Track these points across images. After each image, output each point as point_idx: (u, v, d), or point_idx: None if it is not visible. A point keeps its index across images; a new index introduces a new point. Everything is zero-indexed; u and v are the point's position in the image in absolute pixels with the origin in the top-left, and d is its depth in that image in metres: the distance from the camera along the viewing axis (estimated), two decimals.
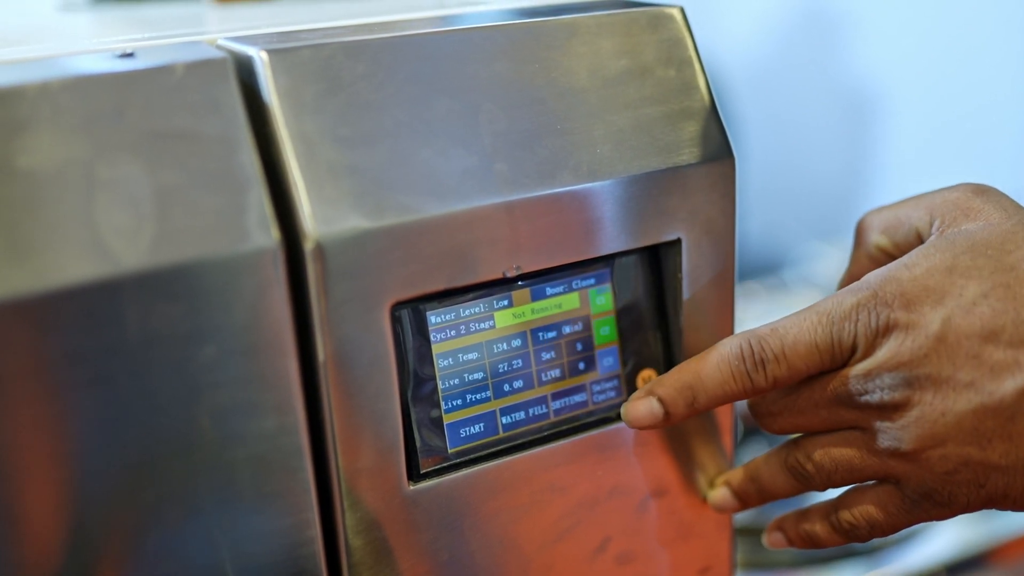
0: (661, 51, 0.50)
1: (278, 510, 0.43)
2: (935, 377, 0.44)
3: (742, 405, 0.53)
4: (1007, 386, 0.43)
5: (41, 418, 0.38)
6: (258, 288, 0.40)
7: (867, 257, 0.54)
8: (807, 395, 0.48)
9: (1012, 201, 0.48)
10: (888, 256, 0.53)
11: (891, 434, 0.46)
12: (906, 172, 2.01)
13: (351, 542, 0.45)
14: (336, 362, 0.43)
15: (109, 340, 0.38)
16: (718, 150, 0.50)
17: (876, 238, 0.53)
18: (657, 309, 0.52)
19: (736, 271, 0.54)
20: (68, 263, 0.37)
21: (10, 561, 0.39)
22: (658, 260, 0.51)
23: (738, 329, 0.54)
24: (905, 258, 0.47)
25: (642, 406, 0.49)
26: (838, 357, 0.46)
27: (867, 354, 0.45)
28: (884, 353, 0.45)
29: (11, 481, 0.38)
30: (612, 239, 0.48)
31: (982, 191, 0.49)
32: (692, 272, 0.51)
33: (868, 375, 0.45)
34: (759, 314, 1.45)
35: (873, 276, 0.47)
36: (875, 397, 0.45)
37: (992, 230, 0.46)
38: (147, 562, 0.41)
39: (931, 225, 0.49)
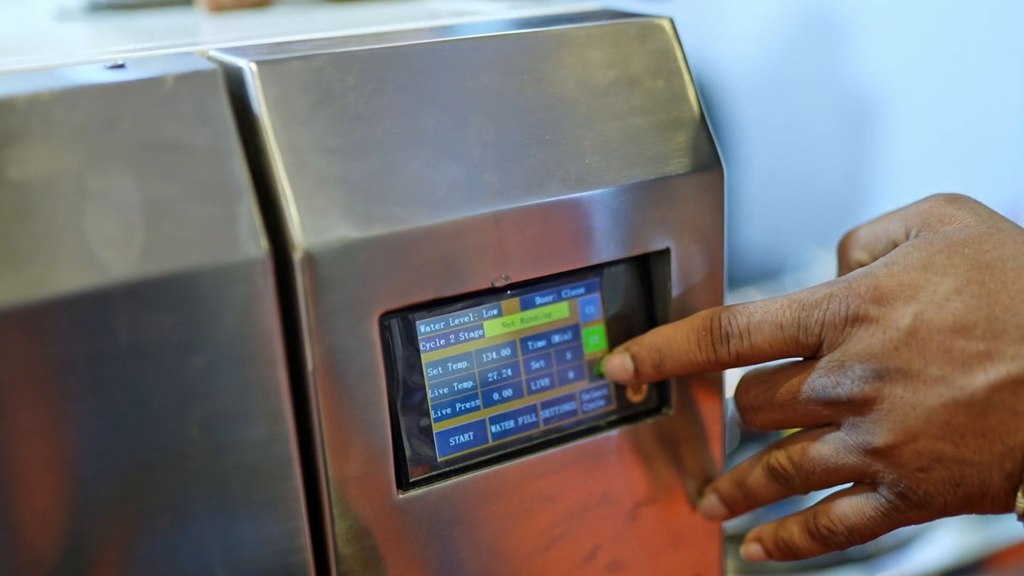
0: (650, 62, 0.50)
1: (268, 518, 0.43)
2: (905, 370, 0.44)
3: (735, 412, 0.54)
4: (978, 380, 0.43)
5: (33, 427, 0.38)
6: (248, 298, 0.41)
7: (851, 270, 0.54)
8: (785, 388, 0.48)
9: (984, 207, 0.49)
10: None
11: (863, 428, 0.46)
12: (907, 179, 2.01)
13: (341, 550, 0.45)
14: (325, 371, 0.43)
15: (100, 349, 0.39)
16: (707, 160, 0.50)
17: (857, 255, 0.54)
18: (647, 318, 0.52)
19: (734, 277, 0.54)
20: (59, 273, 0.38)
21: (3, 568, 0.39)
22: (647, 269, 0.52)
23: None
24: (884, 257, 0.47)
25: (616, 360, 0.51)
26: (803, 343, 0.47)
27: (834, 344, 0.46)
28: (854, 344, 0.45)
29: (4, 489, 0.38)
30: (601, 249, 0.49)
31: (954, 199, 0.49)
32: (681, 281, 0.51)
33: (841, 366, 0.46)
34: None
35: (853, 272, 0.47)
36: (845, 389, 0.46)
37: (969, 231, 0.46)
38: (138, 569, 0.41)
39: (907, 235, 0.50)
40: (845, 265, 0.55)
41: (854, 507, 0.48)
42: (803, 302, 0.47)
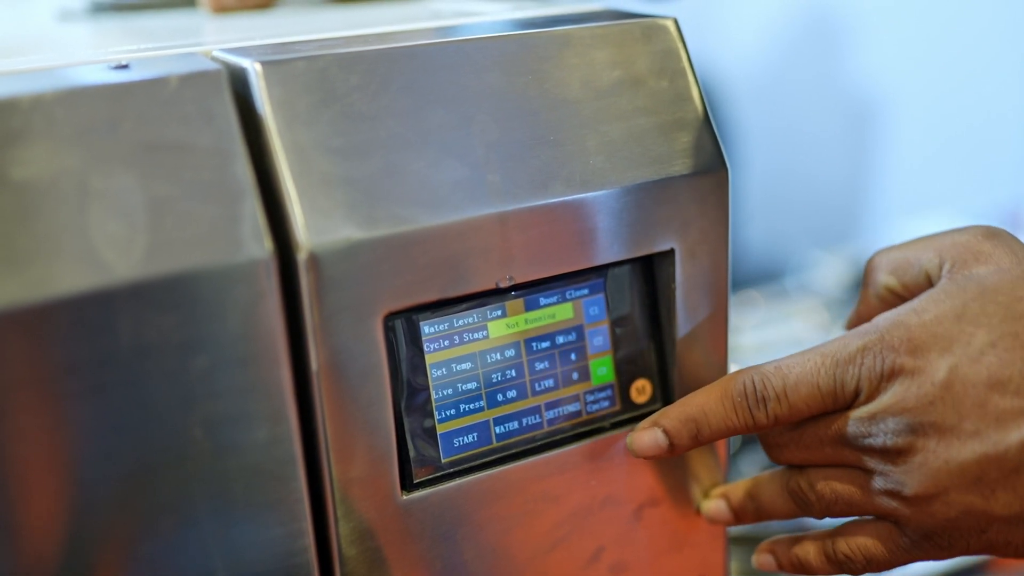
0: (654, 62, 0.50)
1: (271, 520, 0.43)
2: (940, 425, 0.44)
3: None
4: (1012, 437, 0.43)
5: (35, 428, 0.38)
6: (251, 298, 0.41)
7: (876, 298, 0.54)
8: (812, 432, 0.48)
9: (1022, 245, 0.48)
10: (896, 297, 0.52)
11: (893, 478, 0.46)
12: (908, 181, 2.01)
13: (344, 552, 0.45)
14: (329, 372, 0.43)
15: (103, 350, 0.38)
16: (711, 161, 0.50)
17: (885, 279, 0.53)
18: (651, 319, 0.52)
19: (735, 279, 0.54)
20: (62, 273, 0.37)
21: (4, 570, 0.39)
22: (652, 270, 0.51)
23: (731, 338, 0.54)
24: (915, 302, 0.46)
25: (647, 436, 0.50)
26: (840, 399, 0.46)
27: (871, 397, 0.45)
28: (889, 398, 0.45)
29: (5, 490, 0.38)
30: (605, 249, 0.48)
31: (993, 234, 0.48)
32: (686, 282, 0.51)
33: (872, 418, 0.45)
34: (758, 322, 1.45)
35: (882, 319, 0.46)
36: (879, 441, 0.45)
37: (1003, 276, 0.46)
38: (140, 571, 0.41)
39: (941, 267, 0.49)
40: (871, 286, 0.54)
41: (875, 540, 0.48)
42: (836, 358, 0.46)
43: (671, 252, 0.50)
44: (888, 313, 0.47)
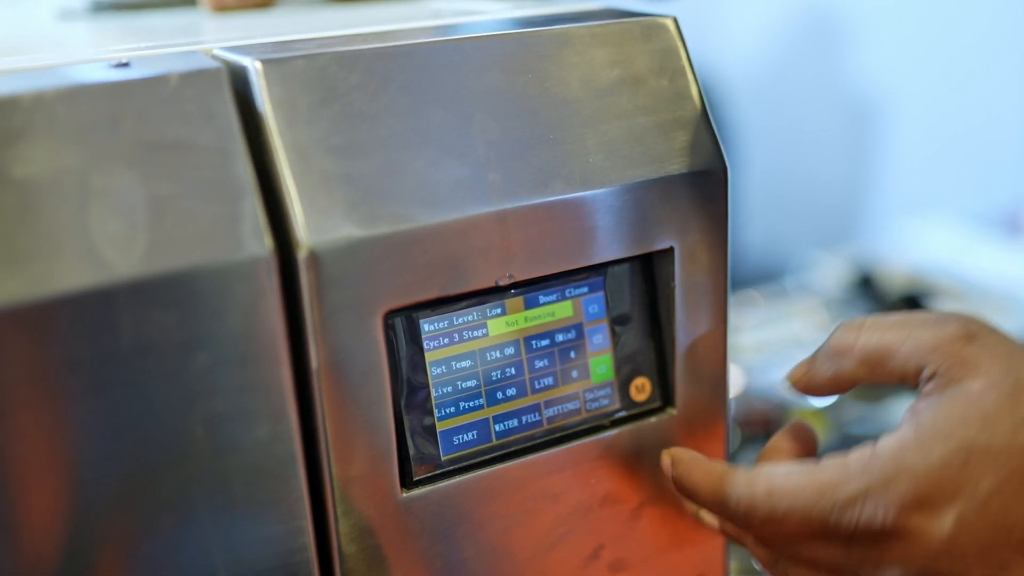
0: (654, 61, 0.50)
1: (271, 518, 0.43)
2: (945, 574, 0.43)
3: (739, 412, 0.53)
4: None
5: (36, 427, 0.38)
6: (252, 296, 0.41)
7: (835, 375, 0.49)
8: (809, 549, 0.46)
9: (1005, 342, 0.45)
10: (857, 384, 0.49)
11: None
12: (908, 181, 2.01)
13: (344, 549, 0.45)
14: (329, 370, 0.43)
15: (103, 348, 0.39)
16: (710, 159, 0.50)
17: (854, 368, 0.48)
18: (650, 317, 0.52)
19: (735, 279, 0.53)
20: (63, 271, 0.37)
21: (4, 569, 0.39)
22: (651, 269, 0.52)
23: (731, 338, 0.54)
24: (919, 439, 0.44)
25: (666, 460, 0.51)
26: (831, 533, 0.45)
27: (872, 543, 0.44)
28: (890, 550, 0.44)
29: (5, 490, 0.38)
30: (605, 248, 0.49)
31: (972, 337, 0.45)
32: (685, 280, 0.51)
33: (876, 565, 0.44)
34: (758, 322, 1.45)
35: (886, 454, 0.44)
36: None
37: (999, 393, 0.43)
38: (141, 570, 0.41)
39: (919, 372, 0.46)
40: (834, 365, 0.49)
41: None
42: (835, 497, 0.44)
43: (670, 250, 0.50)
44: (891, 445, 0.44)
